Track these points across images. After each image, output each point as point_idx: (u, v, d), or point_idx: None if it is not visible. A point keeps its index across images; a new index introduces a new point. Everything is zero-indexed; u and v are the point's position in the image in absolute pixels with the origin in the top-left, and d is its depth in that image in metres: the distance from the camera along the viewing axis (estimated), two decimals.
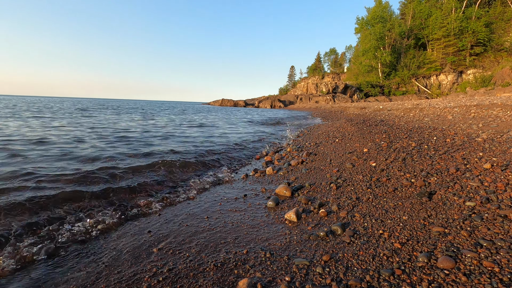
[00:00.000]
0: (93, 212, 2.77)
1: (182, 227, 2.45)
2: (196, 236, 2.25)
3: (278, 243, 2.05)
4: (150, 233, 2.35)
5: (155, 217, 2.74)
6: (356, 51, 57.50)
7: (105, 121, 12.96)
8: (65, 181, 3.55)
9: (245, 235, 2.22)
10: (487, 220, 2.06)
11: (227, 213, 2.75)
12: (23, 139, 6.55)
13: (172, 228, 2.42)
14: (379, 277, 1.56)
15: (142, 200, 3.14)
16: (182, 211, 2.87)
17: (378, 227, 2.19)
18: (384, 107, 17.28)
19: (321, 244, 1.99)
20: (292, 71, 77.39)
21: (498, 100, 10.03)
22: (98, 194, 3.19)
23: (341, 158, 4.65)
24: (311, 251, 1.91)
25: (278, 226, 2.37)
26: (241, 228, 2.36)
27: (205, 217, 2.66)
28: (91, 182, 3.59)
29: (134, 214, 2.82)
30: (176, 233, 2.32)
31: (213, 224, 2.47)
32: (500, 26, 35.40)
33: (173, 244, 2.12)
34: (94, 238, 2.32)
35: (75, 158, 4.88)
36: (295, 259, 1.80)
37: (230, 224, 2.46)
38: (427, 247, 1.82)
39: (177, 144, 6.99)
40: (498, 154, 3.60)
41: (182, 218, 2.66)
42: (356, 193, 3.00)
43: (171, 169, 4.46)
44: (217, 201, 3.17)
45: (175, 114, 22.95)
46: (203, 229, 2.38)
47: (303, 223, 2.40)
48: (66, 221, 2.55)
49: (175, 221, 2.60)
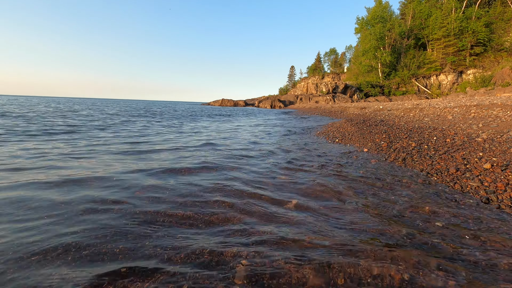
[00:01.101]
0: None
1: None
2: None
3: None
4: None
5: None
6: (356, 51, 57.54)
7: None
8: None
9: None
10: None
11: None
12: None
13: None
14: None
15: None
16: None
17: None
18: (384, 107, 17.29)
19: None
20: (292, 71, 77.44)
21: (498, 100, 10.03)
22: None
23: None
24: None
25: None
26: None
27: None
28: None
29: None
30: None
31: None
32: (500, 26, 35.43)
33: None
34: None
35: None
36: None
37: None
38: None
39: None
40: (498, 154, 3.61)
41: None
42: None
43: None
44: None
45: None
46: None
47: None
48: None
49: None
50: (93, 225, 1.99)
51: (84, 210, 2.24)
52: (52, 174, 3.24)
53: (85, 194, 2.58)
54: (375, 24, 44.44)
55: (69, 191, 2.66)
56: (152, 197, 2.58)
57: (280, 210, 2.35)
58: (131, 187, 2.84)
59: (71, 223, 2.01)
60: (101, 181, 3.00)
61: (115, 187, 2.82)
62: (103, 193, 2.62)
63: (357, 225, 2.05)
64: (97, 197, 2.50)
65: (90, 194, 2.60)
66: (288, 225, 2.05)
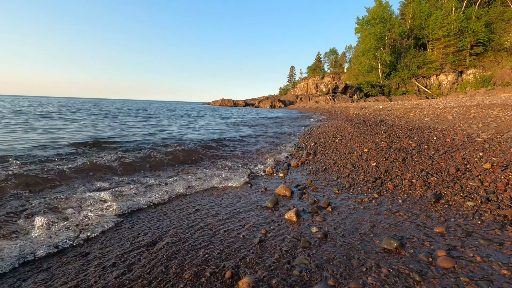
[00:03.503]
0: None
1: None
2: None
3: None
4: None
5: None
6: (356, 51, 57.52)
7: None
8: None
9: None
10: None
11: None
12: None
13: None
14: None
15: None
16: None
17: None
18: (384, 107, 17.29)
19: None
20: (292, 71, 77.43)
21: (498, 100, 10.03)
22: None
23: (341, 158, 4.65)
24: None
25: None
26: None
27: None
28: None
29: None
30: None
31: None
32: (500, 26, 35.42)
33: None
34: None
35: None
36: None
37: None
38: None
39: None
40: (498, 154, 3.61)
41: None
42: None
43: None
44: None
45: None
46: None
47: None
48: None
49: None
50: None
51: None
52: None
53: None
54: (375, 24, 44.44)
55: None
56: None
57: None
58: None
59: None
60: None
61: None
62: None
63: None
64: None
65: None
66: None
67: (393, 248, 1.83)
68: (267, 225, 2.29)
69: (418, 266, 1.63)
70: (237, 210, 2.66)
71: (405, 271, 1.58)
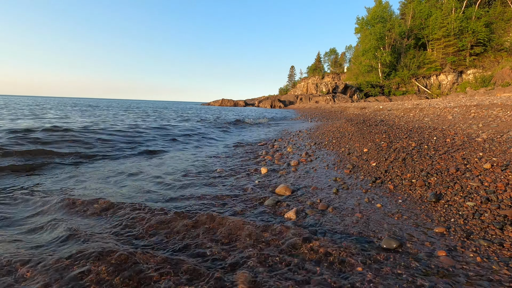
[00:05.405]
0: None
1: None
2: None
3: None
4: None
5: None
6: (356, 51, 57.55)
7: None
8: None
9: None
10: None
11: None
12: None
13: None
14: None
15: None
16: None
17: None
18: (384, 107, 17.29)
19: None
20: (292, 71, 77.47)
21: (498, 100, 10.03)
22: None
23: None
24: None
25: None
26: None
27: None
28: None
29: None
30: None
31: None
32: (500, 26, 35.43)
33: None
34: None
35: None
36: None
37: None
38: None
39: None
40: (498, 154, 3.60)
41: None
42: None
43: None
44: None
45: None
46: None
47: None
48: None
49: None
50: None
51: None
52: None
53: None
54: (375, 24, 44.45)
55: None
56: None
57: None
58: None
59: None
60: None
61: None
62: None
63: None
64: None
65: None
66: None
67: (392, 248, 1.83)
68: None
69: (418, 266, 1.63)
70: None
71: (405, 271, 1.58)
